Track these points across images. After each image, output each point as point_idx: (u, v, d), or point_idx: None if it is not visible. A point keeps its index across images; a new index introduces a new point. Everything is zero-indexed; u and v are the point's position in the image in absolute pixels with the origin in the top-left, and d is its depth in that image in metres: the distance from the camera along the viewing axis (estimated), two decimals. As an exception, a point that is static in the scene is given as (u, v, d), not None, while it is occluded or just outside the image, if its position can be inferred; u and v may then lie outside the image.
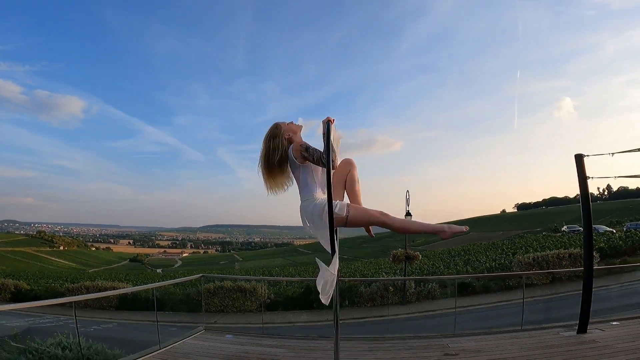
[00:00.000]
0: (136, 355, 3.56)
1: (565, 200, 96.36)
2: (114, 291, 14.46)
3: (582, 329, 4.34)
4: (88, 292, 16.27)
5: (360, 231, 2.77)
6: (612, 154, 4.12)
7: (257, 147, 2.62)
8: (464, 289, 14.18)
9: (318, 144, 2.41)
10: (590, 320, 4.45)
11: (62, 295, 17.31)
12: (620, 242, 21.19)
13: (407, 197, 9.86)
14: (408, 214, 13.79)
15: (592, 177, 4.16)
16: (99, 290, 16.57)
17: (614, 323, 4.71)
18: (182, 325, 9.41)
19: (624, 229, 29.05)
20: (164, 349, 3.79)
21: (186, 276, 19.39)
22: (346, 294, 13.82)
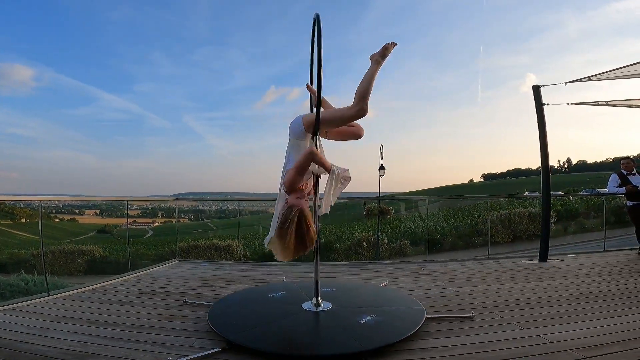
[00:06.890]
0: (103, 280, 3.45)
1: (528, 172, 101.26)
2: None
3: (543, 257, 4.63)
4: (54, 257, 15.56)
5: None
6: (565, 83, 4.40)
7: (225, 114, 2.38)
8: (433, 246, 14.84)
9: (291, 109, 2.23)
10: (549, 254, 4.79)
11: (27, 261, 16.47)
12: (576, 206, 22.73)
13: (381, 150, 9.87)
14: (382, 167, 14.06)
15: (548, 104, 4.44)
16: (66, 254, 15.93)
17: (572, 256, 5.07)
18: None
19: (580, 194, 31.12)
20: (134, 274, 3.70)
21: (158, 246, 18.78)
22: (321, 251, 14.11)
